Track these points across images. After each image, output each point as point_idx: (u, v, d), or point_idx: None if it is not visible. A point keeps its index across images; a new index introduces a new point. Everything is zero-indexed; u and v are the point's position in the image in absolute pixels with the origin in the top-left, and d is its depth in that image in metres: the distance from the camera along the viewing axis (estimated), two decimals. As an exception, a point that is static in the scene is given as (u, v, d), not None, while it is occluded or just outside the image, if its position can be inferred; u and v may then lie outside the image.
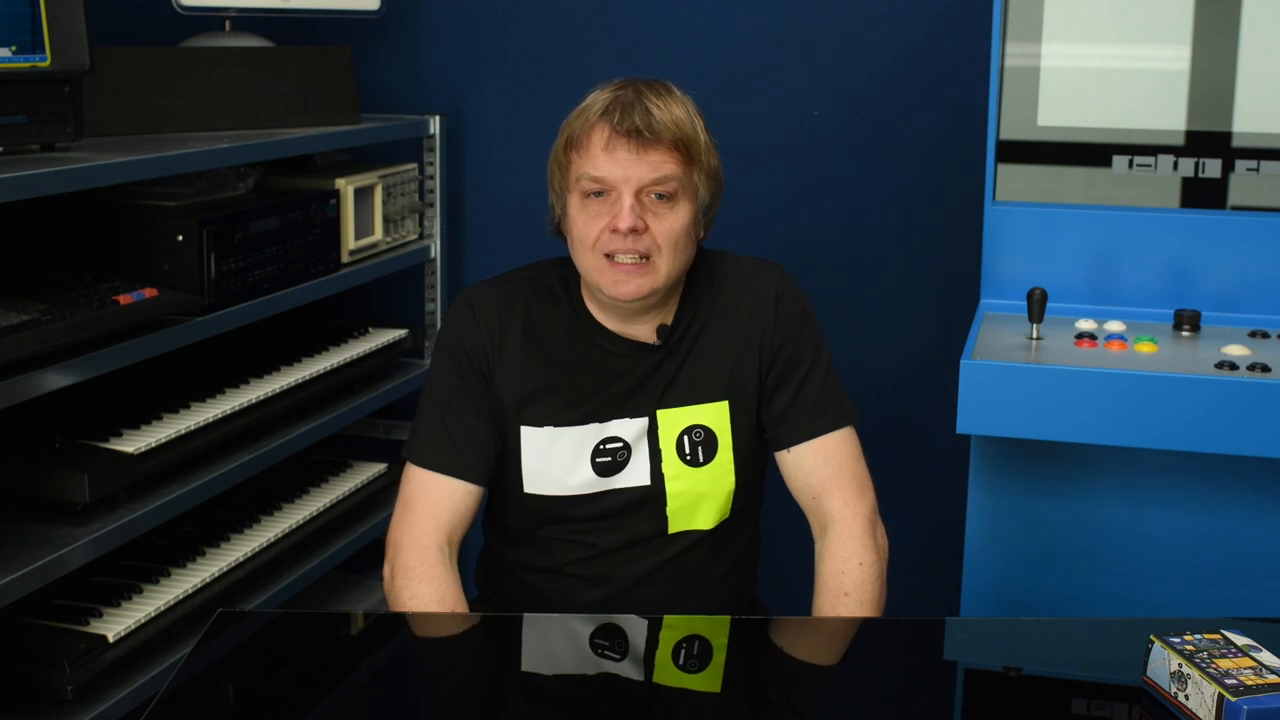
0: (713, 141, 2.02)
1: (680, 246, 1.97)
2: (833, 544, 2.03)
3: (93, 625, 2.22)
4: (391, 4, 3.08)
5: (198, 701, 1.70)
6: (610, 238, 1.94)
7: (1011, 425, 2.31)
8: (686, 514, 2.04)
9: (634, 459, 2.02)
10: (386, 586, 2.00)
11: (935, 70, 3.00)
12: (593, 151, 1.94)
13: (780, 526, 2.34)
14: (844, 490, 2.05)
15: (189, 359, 2.52)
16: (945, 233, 3.03)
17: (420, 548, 1.97)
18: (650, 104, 1.94)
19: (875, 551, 2.02)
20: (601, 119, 1.95)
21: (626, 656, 1.80)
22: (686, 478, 2.03)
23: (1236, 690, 1.50)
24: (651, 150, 1.93)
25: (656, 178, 1.94)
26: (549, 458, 2.01)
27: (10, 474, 2.20)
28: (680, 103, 1.98)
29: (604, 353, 2.03)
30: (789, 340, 2.06)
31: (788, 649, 1.90)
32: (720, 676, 1.79)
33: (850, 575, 2.00)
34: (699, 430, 2.03)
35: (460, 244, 3.33)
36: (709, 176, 2.00)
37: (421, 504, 2.00)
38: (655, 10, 3.14)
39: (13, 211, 2.12)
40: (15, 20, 2.15)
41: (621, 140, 1.93)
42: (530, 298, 2.05)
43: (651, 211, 1.94)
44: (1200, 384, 2.22)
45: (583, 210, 1.96)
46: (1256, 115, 2.47)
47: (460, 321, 2.04)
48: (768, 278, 2.09)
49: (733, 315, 2.06)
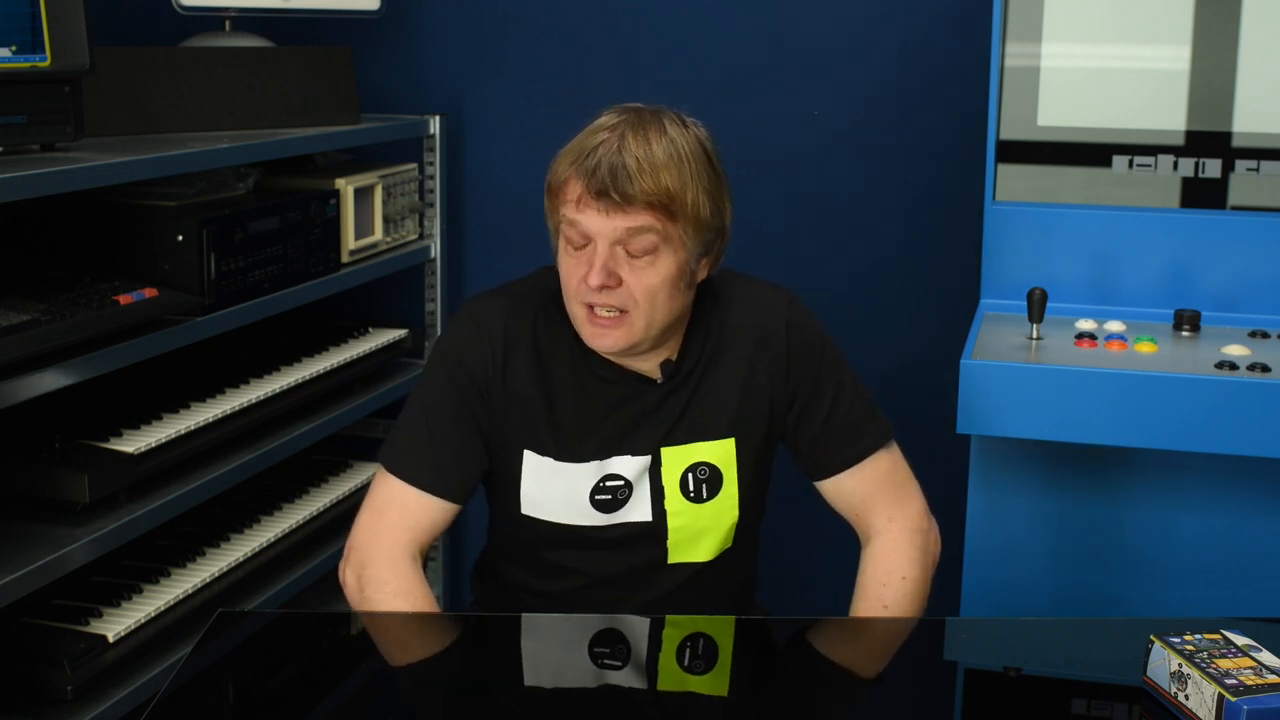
0: (711, 186, 1.88)
1: (660, 300, 1.87)
2: (876, 555, 2.00)
3: (93, 625, 2.22)
4: (391, 4, 3.08)
5: (198, 701, 1.70)
6: (587, 290, 1.86)
7: (1011, 425, 2.31)
8: (687, 547, 1.99)
9: (635, 497, 1.96)
10: (351, 594, 1.93)
11: (935, 70, 3.00)
12: (568, 200, 1.86)
13: (781, 528, 2.34)
14: (887, 506, 2.01)
15: (189, 359, 2.52)
16: (945, 233, 3.03)
17: (391, 559, 1.91)
18: (628, 157, 1.82)
19: (920, 563, 1.99)
20: (576, 172, 1.84)
21: (629, 660, 1.80)
22: (688, 514, 1.97)
23: (1236, 690, 1.50)
24: (624, 210, 1.83)
25: (631, 230, 1.83)
26: (549, 487, 1.95)
27: (10, 474, 2.20)
28: (669, 146, 1.84)
29: (604, 383, 1.96)
30: (807, 373, 1.99)
31: (788, 649, 1.90)
32: (726, 679, 1.79)
33: (891, 590, 1.97)
34: (704, 468, 1.97)
35: (460, 244, 3.33)
36: (699, 227, 1.87)
37: (396, 514, 1.94)
38: (655, 10, 3.14)
39: (13, 211, 2.12)
40: (15, 20, 2.15)
41: (591, 199, 1.83)
42: (539, 316, 1.97)
43: (629, 265, 1.85)
44: (1200, 384, 2.22)
45: (566, 256, 1.89)
46: (1256, 115, 2.47)
47: (464, 338, 1.96)
48: (777, 308, 2.00)
49: (741, 350, 1.98)
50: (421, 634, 1.92)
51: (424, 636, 1.92)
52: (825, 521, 2.20)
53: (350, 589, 1.93)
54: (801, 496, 2.22)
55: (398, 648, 1.90)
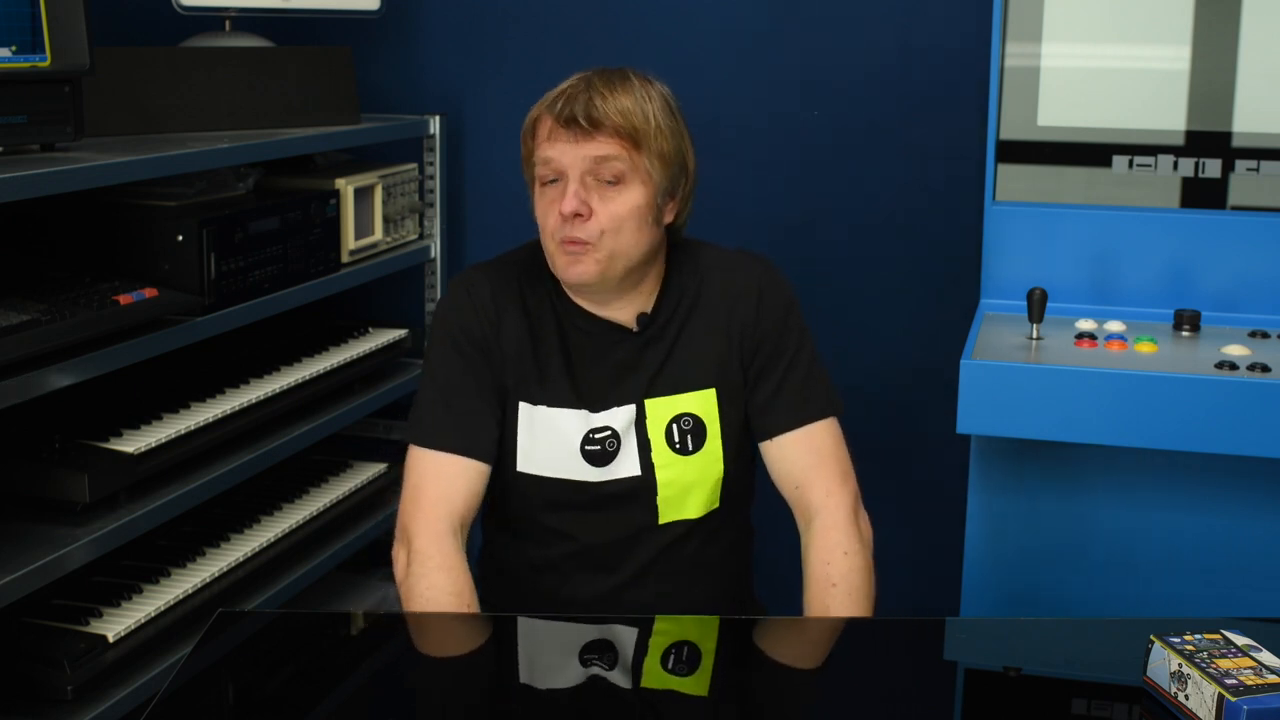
0: (673, 127, 2.00)
1: (628, 230, 1.97)
2: (817, 535, 2.03)
3: (93, 625, 2.22)
4: (391, 4, 3.08)
5: (198, 701, 1.70)
6: (560, 223, 1.96)
7: (1011, 425, 2.31)
8: (676, 503, 2.04)
9: (623, 448, 2.02)
10: (400, 573, 1.98)
11: (935, 70, 3.00)
12: (540, 139, 1.99)
13: (779, 526, 2.34)
14: (826, 479, 2.05)
15: (189, 359, 2.52)
16: (945, 233, 3.03)
17: (435, 534, 1.96)
18: (595, 94, 1.96)
19: (859, 540, 2.02)
20: (546, 110, 1.99)
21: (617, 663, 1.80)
22: (676, 466, 2.03)
23: (1236, 690, 1.50)
24: (592, 137, 1.95)
25: (597, 157, 1.95)
26: (541, 437, 2.02)
27: (10, 474, 2.20)
28: (632, 91, 1.98)
29: (583, 334, 2.05)
30: (772, 332, 2.06)
31: (789, 648, 1.90)
32: (722, 677, 1.79)
33: (835, 565, 2.00)
34: (687, 418, 2.04)
35: (460, 244, 3.33)
36: (663, 160, 1.98)
37: (433, 487, 1.99)
38: (655, 10, 3.14)
39: (13, 211, 2.12)
40: (15, 20, 2.15)
41: (561, 130, 1.96)
42: (522, 278, 2.07)
43: (598, 195, 1.96)
44: (1200, 384, 2.22)
45: (541, 197, 2.01)
46: (1256, 115, 2.47)
47: (456, 304, 2.06)
48: (752, 269, 2.09)
49: (716, 305, 2.06)
50: (419, 634, 1.92)
51: (421, 636, 1.92)
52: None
53: (399, 567, 1.99)
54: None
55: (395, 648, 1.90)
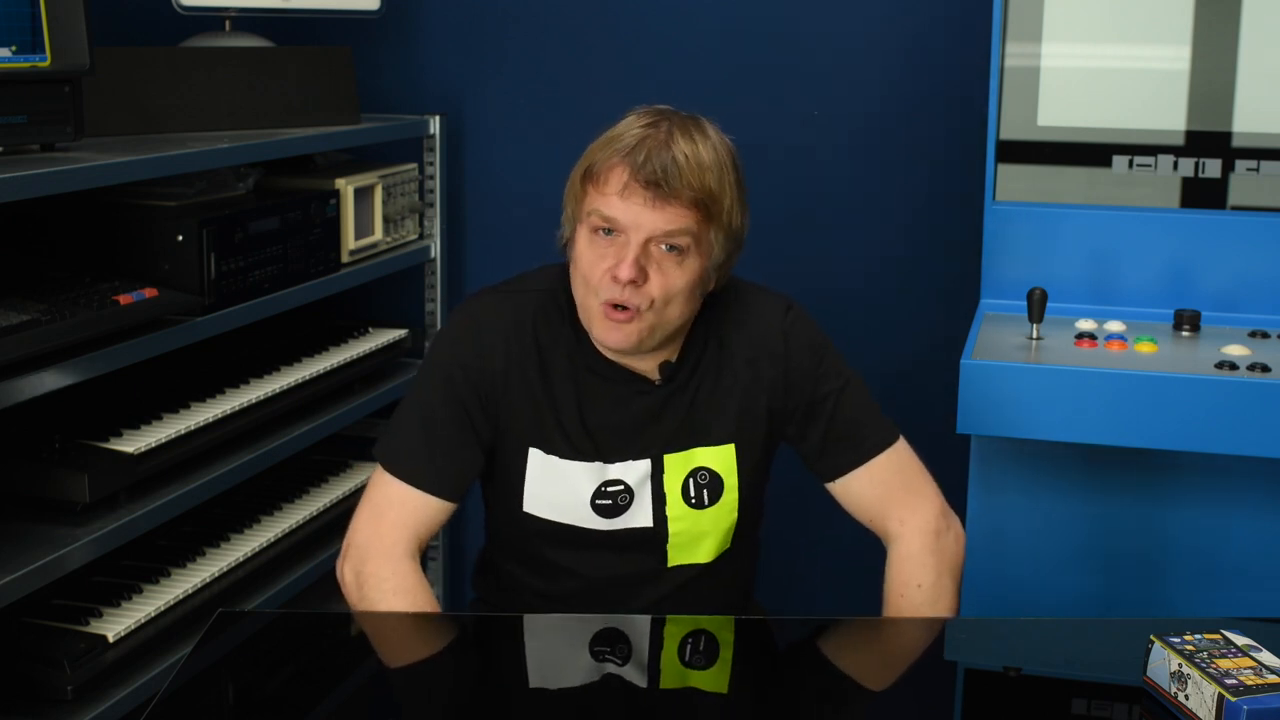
0: (742, 200, 1.92)
1: (679, 301, 1.88)
2: (893, 565, 2.00)
3: (93, 625, 2.22)
4: (391, 4, 3.08)
5: (198, 701, 1.70)
6: (609, 285, 1.85)
7: (1011, 425, 2.31)
8: (687, 550, 1.99)
9: (636, 503, 1.96)
10: (350, 592, 1.92)
11: (935, 70, 3.00)
12: (608, 191, 1.85)
13: (780, 528, 2.34)
14: (898, 509, 2.01)
15: (189, 359, 2.52)
16: (945, 233, 3.03)
17: (390, 556, 1.91)
18: (678, 149, 1.83)
19: (935, 568, 1.98)
20: (624, 160, 1.84)
21: (630, 659, 1.80)
22: (689, 519, 1.97)
23: (1236, 690, 1.50)
24: (669, 204, 1.83)
25: (669, 230, 1.84)
26: (551, 487, 1.95)
27: (10, 474, 2.20)
28: (712, 151, 1.87)
29: (601, 380, 1.96)
30: (806, 379, 1.99)
31: (788, 649, 1.90)
32: (726, 677, 1.79)
33: (909, 600, 1.98)
34: (705, 473, 1.97)
35: (460, 244, 3.33)
36: (728, 236, 1.90)
37: (394, 514, 1.93)
38: (655, 10, 3.14)
39: (13, 211, 2.12)
40: (15, 20, 2.15)
41: (639, 188, 1.83)
42: (539, 314, 1.96)
43: (656, 263, 1.85)
44: (1200, 384, 2.22)
45: (590, 246, 1.88)
46: (1256, 115, 2.47)
47: (463, 338, 1.96)
48: (776, 313, 2.01)
49: (741, 354, 1.98)
50: (419, 634, 1.92)
51: (422, 636, 1.92)
52: (824, 523, 2.20)
53: (349, 587, 1.93)
54: (802, 497, 2.22)
55: (395, 648, 1.90)
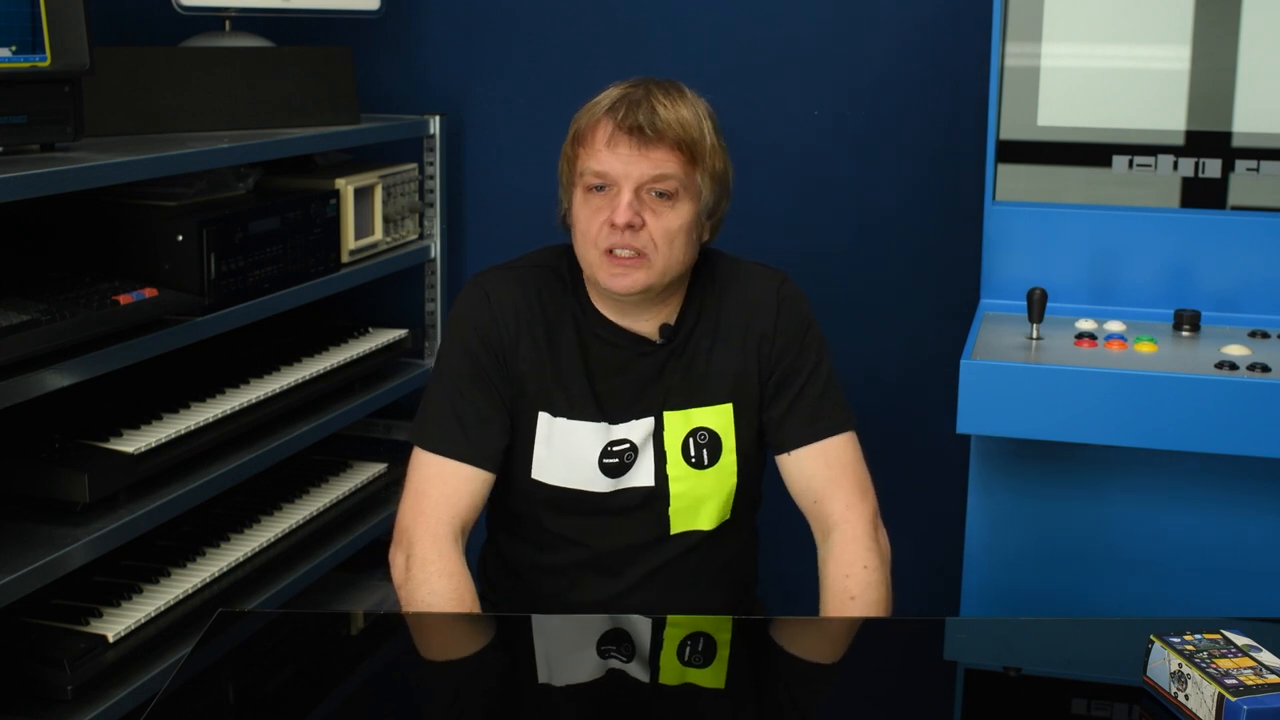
0: (723, 146, 2.02)
1: (678, 245, 1.97)
2: (836, 548, 2.02)
3: (93, 625, 2.22)
4: (391, 4, 3.08)
5: (198, 701, 1.70)
6: (609, 233, 1.94)
7: (1011, 425, 2.31)
8: (688, 515, 2.04)
9: (640, 461, 2.02)
10: (399, 577, 1.97)
11: (935, 70, 3.00)
12: (596, 146, 1.96)
13: (781, 528, 2.34)
14: (846, 493, 2.03)
15: (189, 359, 2.52)
16: (945, 233, 3.03)
17: (436, 538, 1.96)
18: (657, 103, 1.95)
19: (879, 555, 2.01)
20: (606, 115, 1.96)
21: (633, 658, 1.80)
22: (690, 479, 2.03)
23: (1236, 690, 1.50)
24: (654, 148, 1.94)
25: (656, 174, 1.94)
26: (559, 449, 2.01)
27: (10, 474, 2.20)
28: (690, 104, 1.98)
29: (606, 345, 2.04)
30: (790, 347, 2.06)
31: (789, 648, 1.90)
32: (723, 675, 1.79)
33: (855, 579, 1.98)
34: (704, 433, 2.03)
35: (460, 244, 3.33)
36: (714, 179, 2.00)
37: (436, 491, 1.99)
38: (656, 10, 3.14)
39: (13, 211, 2.12)
40: (15, 20, 2.15)
41: (624, 136, 1.94)
42: (543, 285, 2.05)
43: (650, 209, 1.95)
44: (1200, 384, 2.22)
45: (585, 204, 1.97)
46: (1256, 115, 2.47)
47: (475, 307, 2.04)
48: (771, 283, 2.09)
49: (736, 318, 2.06)
50: (426, 634, 1.92)
51: (430, 636, 1.92)
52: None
53: (398, 570, 1.98)
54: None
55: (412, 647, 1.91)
